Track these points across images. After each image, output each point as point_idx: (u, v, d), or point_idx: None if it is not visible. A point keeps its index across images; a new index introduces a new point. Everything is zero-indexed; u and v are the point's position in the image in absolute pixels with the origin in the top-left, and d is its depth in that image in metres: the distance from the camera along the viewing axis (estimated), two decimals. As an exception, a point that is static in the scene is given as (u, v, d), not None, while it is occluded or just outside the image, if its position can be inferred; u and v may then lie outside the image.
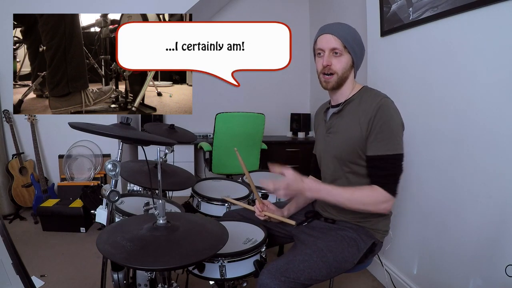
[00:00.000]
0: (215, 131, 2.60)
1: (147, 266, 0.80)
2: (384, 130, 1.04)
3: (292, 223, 1.15)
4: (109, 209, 1.15)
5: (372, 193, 1.05)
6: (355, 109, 1.13)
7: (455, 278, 1.40)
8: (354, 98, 1.15)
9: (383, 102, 1.07)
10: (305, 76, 3.87)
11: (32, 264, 1.97)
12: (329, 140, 1.20)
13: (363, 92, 1.16)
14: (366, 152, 1.09)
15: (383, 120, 1.04)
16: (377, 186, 1.05)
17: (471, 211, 1.33)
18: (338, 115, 1.18)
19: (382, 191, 1.04)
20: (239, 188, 1.74)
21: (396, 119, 1.07)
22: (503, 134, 1.19)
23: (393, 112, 1.07)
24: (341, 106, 1.16)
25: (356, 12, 2.55)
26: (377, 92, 1.14)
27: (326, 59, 1.12)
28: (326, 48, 1.12)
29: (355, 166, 1.13)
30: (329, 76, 1.13)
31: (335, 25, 1.13)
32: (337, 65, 1.11)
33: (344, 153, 1.13)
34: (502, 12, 1.18)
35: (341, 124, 1.16)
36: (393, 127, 1.05)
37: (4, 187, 2.74)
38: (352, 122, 1.11)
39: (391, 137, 1.04)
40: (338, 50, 1.10)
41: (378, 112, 1.05)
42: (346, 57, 1.12)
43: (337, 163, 1.17)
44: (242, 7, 3.65)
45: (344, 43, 1.10)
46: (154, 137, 1.20)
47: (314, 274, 1.01)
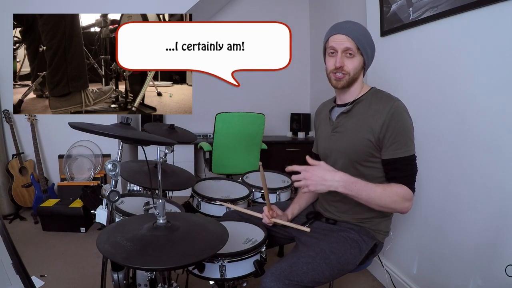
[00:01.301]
0: (215, 131, 2.60)
1: (147, 266, 0.80)
2: (400, 134, 1.06)
3: (307, 230, 1.15)
4: (109, 209, 1.15)
5: (401, 189, 1.05)
6: (365, 110, 1.13)
7: (455, 278, 1.40)
8: (363, 98, 1.15)
9: (396, 106, 1.08)
10: (305, 76, 3.87)
11: (32, 264, 1.97)
12: (335, 139, 1.19)
13: (373, 93, 1.16)
14: (382, 156, 1.10)
15: (399, 124, 1.06)
16: (402, 184, 1.06)
17: (471, 211, 1.33)
18: (346, 114, 1.17)
19: (408, 189, 1.06)
20: (239, 188, 1.74)
21: (409, 121, 1.10)
22: (503, 134, 1.19)
23: (406, 115, 1.09)
24: (350, 106, 1.16)
25: (356, 12, 2.55)
26: (388, 95, 1.14)
27: (339, 60, 1.11)
28: (339, 48, 1.11)
29: (361, 166, 1.13)
30: (340, 75, 1.13)
31: (349, 25, 1.11)
32: (349, 66, 1.12)
33: (353, 153, 1.13)
34: (502, 12, 1.18)
35: (349, 124, 1.16)
36: (408, 129, 1.08)
37: (4, 187, 2.74)
38: (362, 123, 1.11)
39: (406, 140, 1.07)
40: (352, 51, 1.10)
41: (394, 116, 1.06)
42: (358, 58, 1.12)
43: (346, 162, 1.16)
44: (242, 7, 3.65)
45: (357, 44, 1.09)
46: (154, 137, 1.19)
47: (317, 277, 1.01)
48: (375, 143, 1.09)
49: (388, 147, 1.08)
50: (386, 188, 1.05)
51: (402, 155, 1.07)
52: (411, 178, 1.08)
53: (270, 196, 1.71)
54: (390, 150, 1.08)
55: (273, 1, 3.71)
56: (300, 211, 1.33)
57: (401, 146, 1.06)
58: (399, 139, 1.06)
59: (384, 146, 1.09)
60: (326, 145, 1.24)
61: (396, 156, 1.07)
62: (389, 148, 1.08)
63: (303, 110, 3.84)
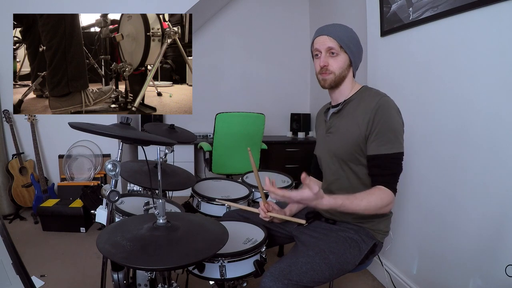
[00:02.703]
0: (215, 131, 2.60)
1: (147, 266, 0.80)
2: (384, 129, 1.05)
3: (302, 222, 1.15)
4: (109, 209, 1.15)
5: (383, 195, 1.04)
6: (355, 109, 1.13)
7: (455, 278, 1.40)
8: (354, 98, 1.16)
9: (382, 101, 1.07)
10: (305, 76, 3.87)
11: (32, 264, 1.97)
12: (328, 140, 1.20)
13: (363, 91, 1.17)
14: (366, 152, 1.09)
15: (383, 119, 1.05)
16: (382, 187, 1.04)
17: (471, 211, 1.33)
18: (337, 114, 1.18)
19: (388, 192, 1.04)
20: (239, 188, 1.74)
21: (396, 117, 1.07)
22: (503, 134, 1.19)
23: (392, 111, 1.07)
24: (341, 106, 1.17)
25: (356, 12, 2.55)
26: (376, 91, 1.14)
27: (322, 60, 1.13)
28: (322, 49, 1.13)
29: (354, 166, 1.14)
30: (326, 74, 1.14)
31: (330, 26, 1.14)
32: (334, 65, 1.12)
33: (344, 153, 1.14)
34: (502, 12, 1.18)
35: (340, 124, 1.17)
36: (393, 125, 1.06)
37: (4, 187, 2.73)
38: (352, 122, 1.12)
39: (391, 136, 1.05)
40: (334, 50, 1.11)
41: (378, 111, 1.05)
42: (342, 56, 1.12)
43: (338, 163, 1.17)
44: (242, 7, 3.65)
45: (339, 42, 1.11)
46: (154, 137, 1.19)
47: (316, 276, 1.01)
48: (363, 141, 1.09)
49: (371, 142, 1.07)
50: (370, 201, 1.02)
51: (385, 151, 1.04)
52: (392, 177, 1.06)
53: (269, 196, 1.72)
54: (373, 146, 1.06)
55: (273, 1, 3.71)
56: (298, 209, 1.33)
57: (384, 143, 1.05)
58: (382, 135, 1.05)
59: (368, 141, 1.08)
60: (321, 146, 1.26)
61: (379, 152, 1.05)
62: (372, 143, 1.06)
63: (303, 110, 3.84)
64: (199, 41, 3.57)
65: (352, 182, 1.15)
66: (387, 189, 1.04)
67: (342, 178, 1.17)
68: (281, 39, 3.77)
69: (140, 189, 1.65)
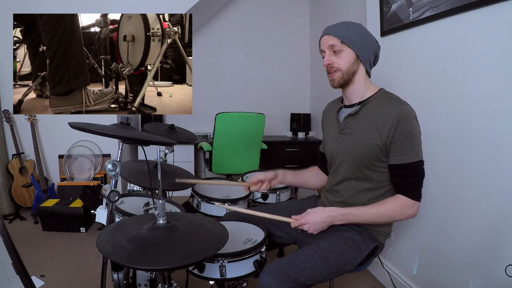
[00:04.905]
0: (215, 131, 2.60)
1: (147, 266, 0.80)
2: (408, 139, 1.06)
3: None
4: (109, 209, 1.15)
5: (397, 204, 1.08)
6: (373, 112, 1.12)
7: (455, 278, 1.40)
8: (371, 100, 1.14)
9: (404, 110, 1.07)
10: (305, 76, 3.87)
11: (32, 264, 1.97)
12: (342, 141, 1.19)
13: (381, 95, 1.15)
14: (389, 161, 1.10)
15: (406, 129, 1.06)
16: (399, 195, 1.09)
17: (471, 211, 1.33)
18: (353, 116, 1.16)
19: (405, 199, 1.08)
20: (239, 188, 1.74)
21: (417, 127, 1.09)
22: (503, 134, 1.19)
23: (413, 120, 1.08)
24: (358, 108, 1.15)
25: (356, 12, 2.55)
26: (396, 98, 1.13)
27: (326, 59, 1.14)
28: (325, 48, 1.14)
29: (368, 171, 1.13)
30: (332, 73, 1.14)
31: (331, 26, 1.15)
32: (338, 61, 1.12)
33: (360, 156, 1.13)
34: (502, 12, 1.18)
35: (357, 126, 1.15)
36: (415, 135, 1.08)
37: (4, 187, 2.73)
38: (370, 126, 1.11)
39: (414, 145, 1.07)
40: (336, 47, 1.11)
41: (401, 121, 1.05)
42: (346, 51, 1.12)
43: (352, 164, 1.16)
44: (242, 7, 3.65)
45: (340, 38, 1.11)
46: (154, 137, 1.19)
47: (314, 275, 1.01)
48: (382, 147, 1.09)
49: (395, 152, 1.08)
50: (380, 208, 1.09)
51: (409, 160, 1.07)
52: (416, 185, 1.09)
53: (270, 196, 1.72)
54: (396, 156, 1.08)
55: (273, 1, 3.71)
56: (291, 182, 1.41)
57: (408, 152, 1.06)
58: (406, 144, 1.06)
59: (391, 151, 1.09)
60: (333, 146, 1.24)
61: (403, 162, 1.07)
62: (396, 153, 1.07)
63: (303, 110, 3.84)
64: (199, 41, 3.57)
65: (362, 183, 1.16)
66: (404, 197, 1.08)
67: (353, 179, 1.17)
68: (281, 39, 3.77)
69: (140, 189, 1.65)
